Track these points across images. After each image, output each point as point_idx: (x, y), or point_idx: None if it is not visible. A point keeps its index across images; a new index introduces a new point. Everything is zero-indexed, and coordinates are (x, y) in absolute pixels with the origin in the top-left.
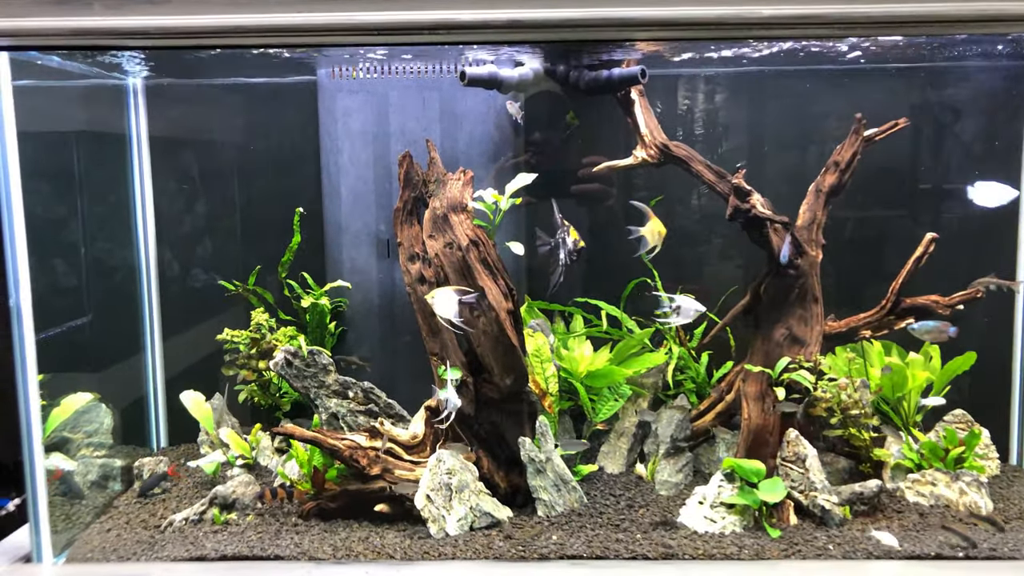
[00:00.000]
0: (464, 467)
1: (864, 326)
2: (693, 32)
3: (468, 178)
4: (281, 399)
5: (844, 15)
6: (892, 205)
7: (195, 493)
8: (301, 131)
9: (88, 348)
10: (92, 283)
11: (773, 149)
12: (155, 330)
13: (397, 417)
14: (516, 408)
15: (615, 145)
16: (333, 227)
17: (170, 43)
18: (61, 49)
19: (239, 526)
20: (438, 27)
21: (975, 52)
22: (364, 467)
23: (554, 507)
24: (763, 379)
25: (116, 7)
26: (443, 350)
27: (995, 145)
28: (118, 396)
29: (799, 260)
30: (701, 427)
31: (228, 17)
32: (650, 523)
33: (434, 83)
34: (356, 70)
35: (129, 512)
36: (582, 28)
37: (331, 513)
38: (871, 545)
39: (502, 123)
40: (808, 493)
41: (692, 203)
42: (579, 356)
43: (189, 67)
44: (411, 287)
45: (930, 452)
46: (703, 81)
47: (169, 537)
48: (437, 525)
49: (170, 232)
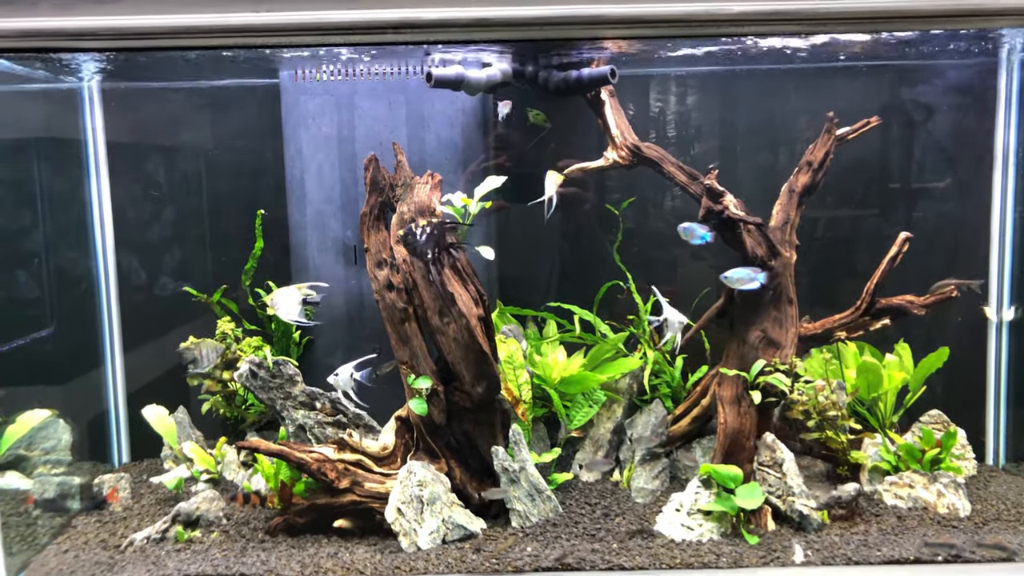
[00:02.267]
0: (436, 478)
1: (839, 327)
2: (662, 29)
3: (436, 182)
4: (247, 411)
5: (814, 11)
6: (865, 204)
7: (157, 510)
8: (264, 135)
9: (45, 362)
10: (48, 294)
11: (746, 149)
12: (115, 342)
13: (367, 428)
14: (488, 417)
15: (588, 146)
16: (299, 233)
17: (123, 44)
18: (6, 52)
19: (203, 544)
20: (402, 26)
21: (954, 48)
22: (332, 480)
23: (528, 517)
24: (739, 382)
25: (64, 7)
26: (413, 358)
27: (967, 142)
28: (77, 411)
29: (773, 261)
30: (677, 432)
31: (183, 17)
32: (626, 532)
33: (400, 85)
34: (320, 72)
35: (88, 532)
36: (549, 26)
37: (299, 528)
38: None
39: (470, 126)
40: (786, 498)
41: (665, 204)
42: (552, 362)
43: (147, 70)
44: (379, 294)
45: (907, 454)
46: (675, 81)
47: (130, 557)
48: (409, 539)
49: (129, 240)
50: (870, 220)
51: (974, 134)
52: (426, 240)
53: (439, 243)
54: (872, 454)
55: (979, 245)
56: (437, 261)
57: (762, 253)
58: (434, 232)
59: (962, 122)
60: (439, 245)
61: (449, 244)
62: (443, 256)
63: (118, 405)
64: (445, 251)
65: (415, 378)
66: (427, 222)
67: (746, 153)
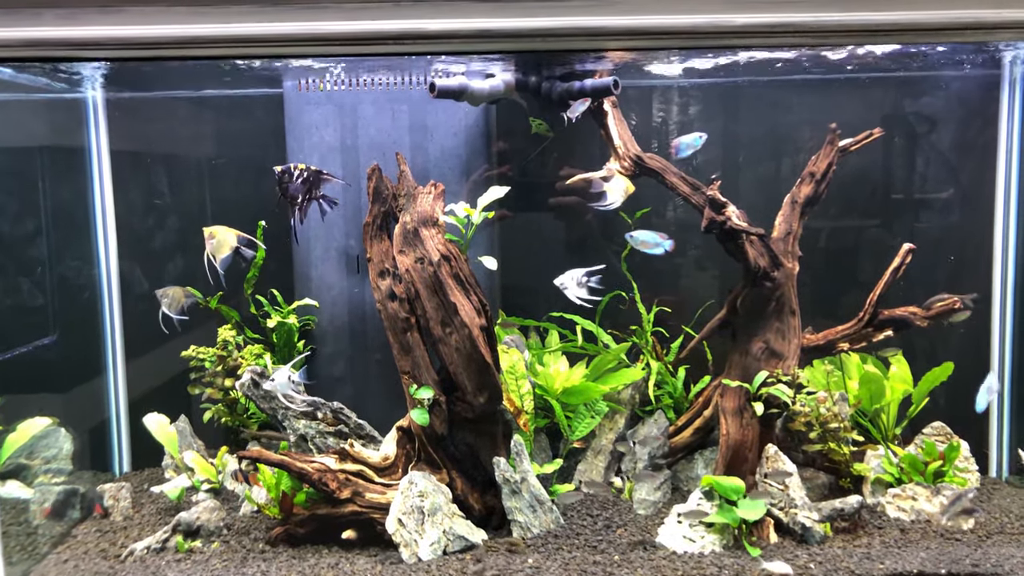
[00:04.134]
0: (437, 489)
1: (842, 338)
2: (666, 41)
3: (439, 191)
4: (249, 420)
5: (817, 24)
6: (869, 215)
7: (158, 520)
8: (268, 144)
9: (47, 370)
10: (51, 302)
11: (749, 160)
12: (117, 350)
13: (368, 438)
14: (490, 427)
15: (592, 156)
16: (301, 242)
17: (127, 54)
18: (10, 62)
19: (204, 554)
20: (405, 37)
21: (956, 60)
22: (334, 491)
23: (530, 529)
24: (741, 394)
25: (68, 17)
26: (415, 368)
27: (971, 153)
28: (78, 419)
29: (775, 272)
30: (679, 443)
31: (187, 27)
32: (628, 544)
33: (404, 95)
34: (323, 82)
35: (88, 541)
36: (553, 37)
37: (300, 539)
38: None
39: (473, 135)
40: (788, 510)
41: (668, 215)
42: (555, 372)
43: (151, 79)
44: (381, 304)
45: (910, 466)
46: (678, 92)
47: (130, 567)
48: (409, 550)
49: (133, 248)
50: (873, 231)
51: (976, 145)
52: (299, 185)
53: (311, 191)
54: (875, 466)
55: (982, 255)
56: (303, 208)
57: (764, 264)
58: (309, 179)
59: (965, 133)
60: (310, 193)
61: (321, 196)
62: (308, 204)
63: (119, 414)
64: (315, 200)
65: (417, 388)
66: (304, 167)
67: (749, 164)
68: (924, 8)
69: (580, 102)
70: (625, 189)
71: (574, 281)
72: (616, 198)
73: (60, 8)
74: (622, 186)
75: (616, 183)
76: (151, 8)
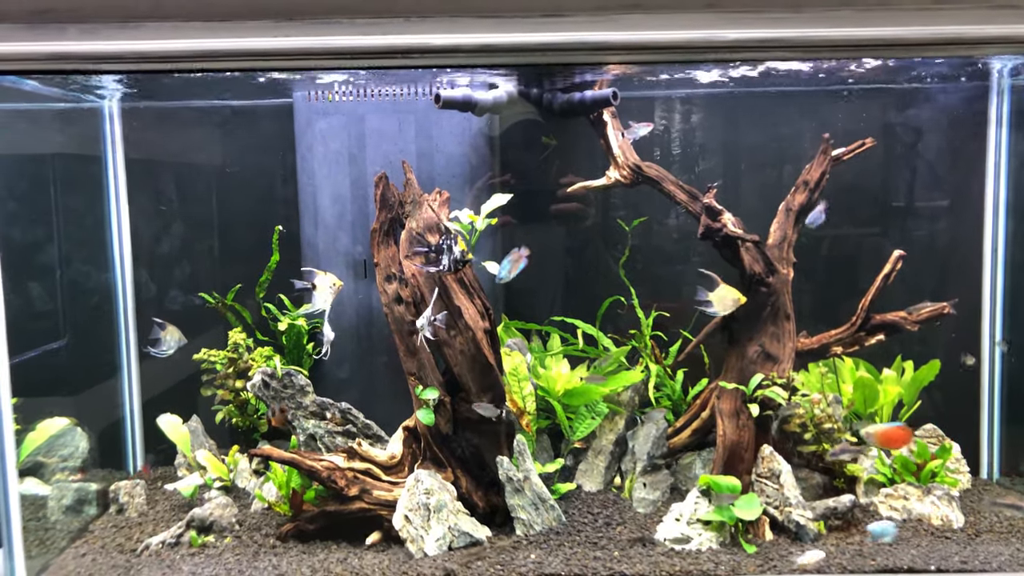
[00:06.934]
0: (442, 487)
1: (835, 342)
2: (662, 56)
3: (444, 199)
4: (259, 420)
5: (806, 39)
6: (861, 223)
7: (172, 516)
8: (278, 153)
9: (64, 371)
10: (68, 305)
11: (747, 168)
12: (131, 352)
13: (375, 438)
14: (494, 427)
15: (594, 165)
16: (310, 248)
17: (145, 67)
18: (37, 74)
19: (216, 549)
20: (412, 51)
21: (944, 73)
22: (342, 488)
23: (532, 526)
24: (737, 396)
25: (91, 32)
26: (420, 370)
27: (961, 164)
28: (94, 419)
29: (770, 278)
30: (678, 444)
31: (203, 42)
32: (628, 540)
33: (410, 105)
34: (332, 93)
35: (105, 536)
36: (553, 52)
37: (309, 535)
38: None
39: (478, 144)
40: (783, 509)
41: (667, 222)
42: (556, 374)
43: (165, 89)
44: (388, 307)
45: (902, 467)
46: (677, 102)
47: (145, 561)
48: (416, 545)
49: (147, 254)
50: (867, 238)
51: (966, 154)
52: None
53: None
54: (868, 467)
55: (971, 262)
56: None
57: (760, 270)
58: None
59: (954, 143)
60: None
61: (465, 259)
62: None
63: (133, 414)
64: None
65: (423, 389)
66: (439, 239)
67: (747, 172)
68: (909, 24)
69: (641, 125)
70: (736, 300)
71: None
72: (723, 308)
73: (84, 23)
74: (732, 298)
75: (724, 294)
76: (168, 23)
